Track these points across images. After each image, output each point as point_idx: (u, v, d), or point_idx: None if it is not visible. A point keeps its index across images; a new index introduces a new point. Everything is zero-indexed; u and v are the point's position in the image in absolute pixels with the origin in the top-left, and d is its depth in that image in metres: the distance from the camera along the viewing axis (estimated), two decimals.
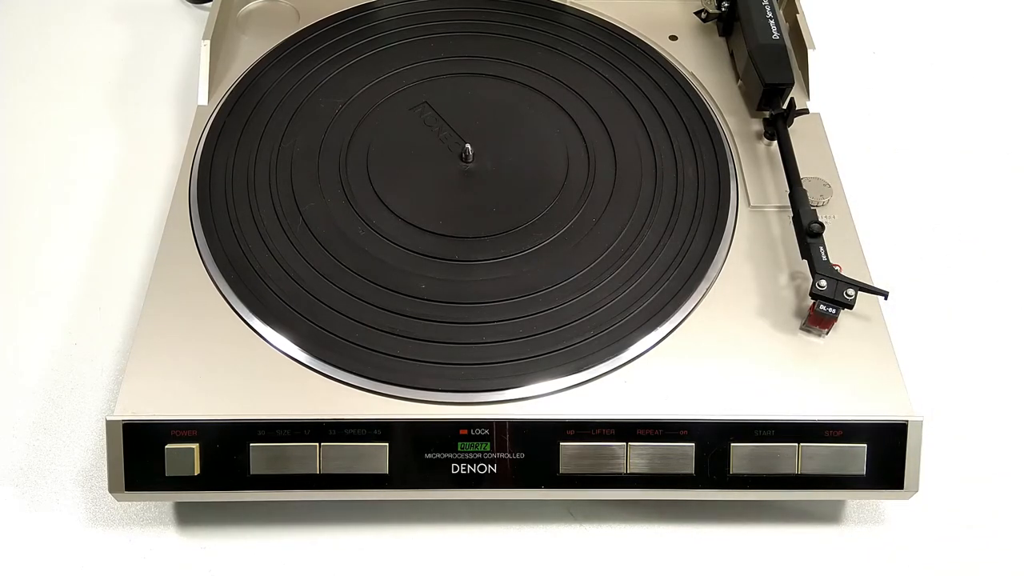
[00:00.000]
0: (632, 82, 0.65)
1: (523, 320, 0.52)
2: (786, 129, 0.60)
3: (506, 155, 0.60)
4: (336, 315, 0.52)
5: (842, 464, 0.48)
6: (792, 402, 0.49)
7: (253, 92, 0.63)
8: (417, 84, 0.64)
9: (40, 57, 0.76)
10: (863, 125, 0.73)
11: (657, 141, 0.61)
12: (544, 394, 0.49)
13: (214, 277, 0.53)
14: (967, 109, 0.75)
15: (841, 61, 0.78)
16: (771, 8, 0.64)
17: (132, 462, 0.47)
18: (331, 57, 0.66)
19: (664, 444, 0.48)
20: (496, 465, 0.48)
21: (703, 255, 0.55)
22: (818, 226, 0.53)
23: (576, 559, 0.51)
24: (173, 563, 0.50)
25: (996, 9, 0.84)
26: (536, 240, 0.56)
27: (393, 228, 0.56)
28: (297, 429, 0.48)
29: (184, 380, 0.49)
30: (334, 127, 0.61)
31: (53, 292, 0.60)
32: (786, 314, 0.53)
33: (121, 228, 0.64)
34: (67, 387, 0.56)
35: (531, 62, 0.66)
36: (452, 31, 0.68)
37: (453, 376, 0.49)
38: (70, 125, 0.71)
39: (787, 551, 0.51)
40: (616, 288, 0.53)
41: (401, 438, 0.48)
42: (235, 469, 0.47)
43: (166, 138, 0.69)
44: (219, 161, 0.59)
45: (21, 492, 0.52)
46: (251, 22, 0.70)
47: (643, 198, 0.58)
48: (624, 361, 0.50)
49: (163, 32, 0.78)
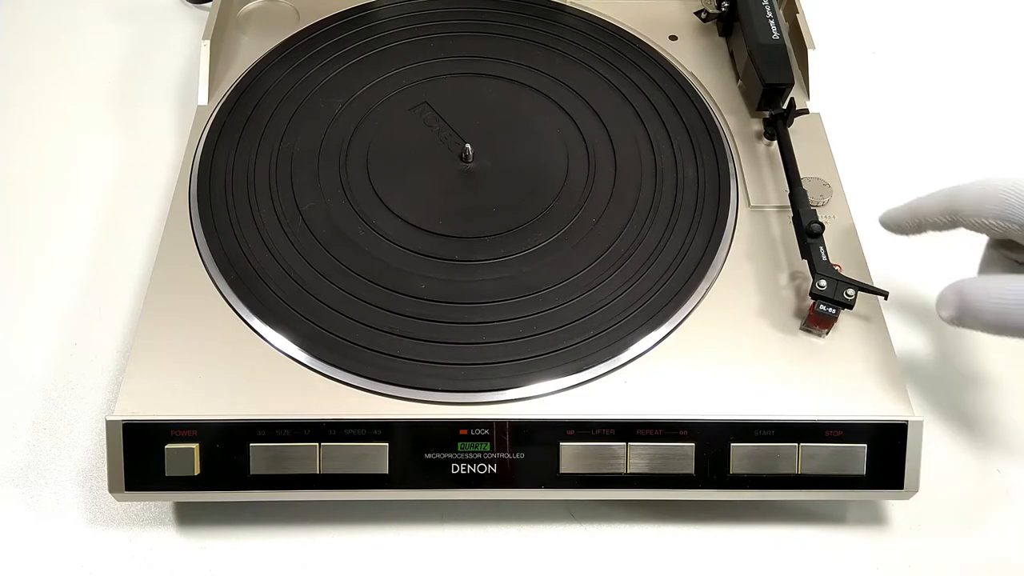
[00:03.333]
0: (632, 82, 0.65)
1: (523, 320, 0.52)
2: (786, 129, 0.60)
3: (506, 155, 0.60)
4: (336, 315, 0.52)
5: (842, 464, 0.48)
6: (792, 402, 0.49)
7: (253, 92, 0.64)
8: (417, 84, 0.64)
9: (40, 57, 0.76)
10: (863, 125, 0.73)
11: (657, 141, 0.61)
12: (544, 394, 0.49)
13: (214, 277, 0.53)
14: (967, 109, 0.75)
15: (841, 61, 0.78)
16: (771, 8, 0.64)
17: (132, 462, 0.47)
18: (331, 57, 0.66)
19: (664, 444, 0.48)
20: (496, 465, 0.48)
21: (703, 255, 0.55)
22: (818, 226, 0.53)
23: (576, 559, 0.51)
24: (173, 563, 0.50)
25: (996, 9, 0.84)
26: (536, 240, 0.56)
27: (393, 228, 0.56)
28: (297, 429, 0.48)
29: (184, 380, 0.49)
30: (334, 127, 0.61)
31: (53, 292, 0.60)
32: (786, 314, 0.53)
33: (121, 228, 0.64)
34: (67, 387, 0.56)
35: (531, 62, 0.66)
36: (452, 31, 0.68)
37: (453, 376, 0.49)
38: (70, 125, 0.71)
39: (787, 551, 0.51)
40: (616, 288, 0.53)
41: (401, 438, 0.48)
42: (235, 469, 0.47)
43: (166, 138, 0.69)
44: (219, 161, 0.59)
45: (21, 492, 0.52)
46: (251, 22, 0.70)
47: (643, 198, 0.58)
48: (624, 361, 0.50)
49: (163, 32, 0.78)
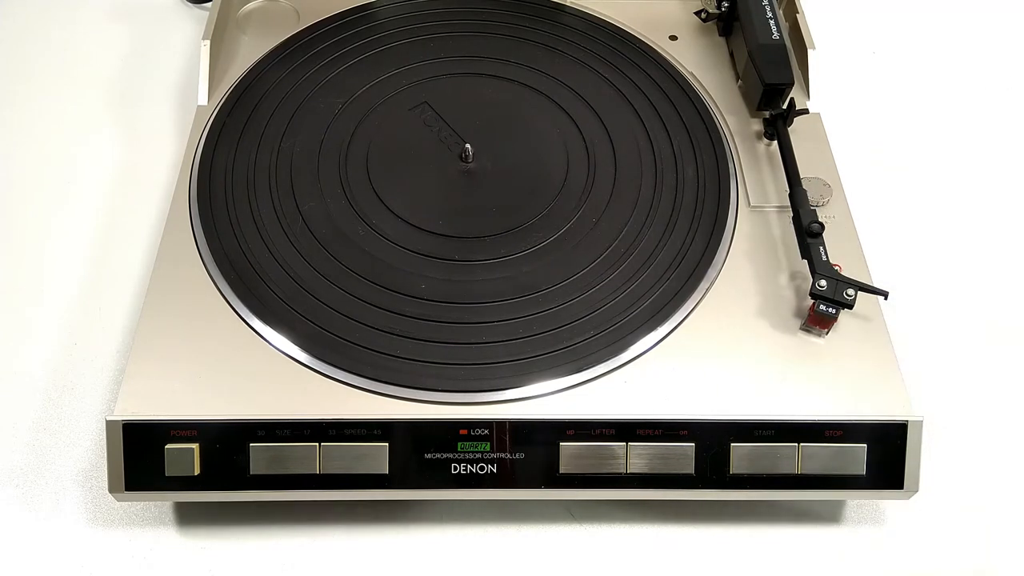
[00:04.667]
0: (632, 82, 0.65)
1: (523, 320, 0.52)
2: (786, 129, 0.60)
3: (506, 155, 0.60)
4: (336, 315, 0.52)
5: (842, 464, 0.48)
6: (792, 402, 0.49)
7: (253, 92, 0.63)
8: (417, 84, 0.64)
9: (40, 57, 0.76)
10: (863, 125, 0.73)
11: (657, 141, 0.61)
12: (544, 394, 0.49)
13: (214, 277, 0.53)
14: (967, 109, 0.75)
15: (841, 61, 0.78)
16: (771, 8, 0.64)
17: (132, 462, 0.47)
18: (331, 57, 0.66)
19: (664, 444, 0.48)
20: (496, 465, 0.48)
21: (703, 255, 0.55)
22: (818, 226, 0.53)
23: (576, 559, 0.51)
24: (173, 563, 0.50)
25: (996, 9, 0.84)
26: (536, 240, 0.56)
27: (393, 228, 0.56)
28: (297, 429, 0.48)
29: (184, 380, 0.49)
30: (334, 127, 0.61)
31: (53, 292, 0.60)
32: (786, 314, 0.53)
33: (121, 228, 0.64)
34: (67, 387, 0.56)
35: (531, 62, 0.66)
36: (452, 31, 0.68)
37: (453, 376, 0.49)
38: (70, 125, 0.71)
39: (787, 551, 0.51)
40: (616, 288, 0.53)
41: (401, 438, 0.48)
42: (235, 469, 0.47)
43: (166, 138, 0.69)
44: (219, 161, 0.59)
45: (21, 492, 0.52)
46: (251, 22, 0.70)
47: (643, 198, 0.58)
48: (624, 361, 0.50)
49: (163, 32, 0.78)
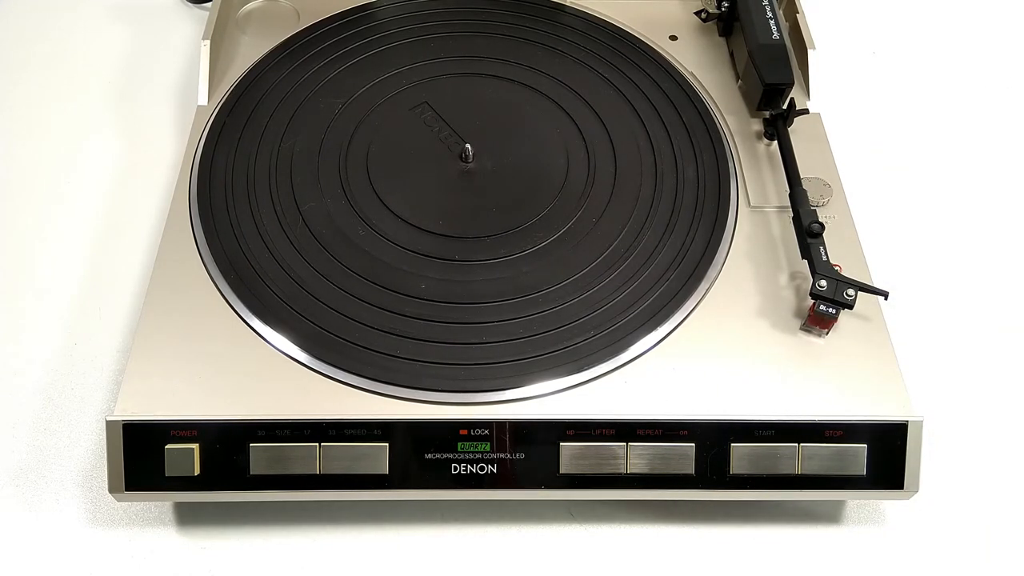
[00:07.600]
0: (632, 82, 0.65)
1: (523, 320, 0.52)
2: (786, 129, 0.60)
3: (506, 155, 0.60)
4: (336, 315, 0.52)
5: (842, 464, 0.48)
6: (792, 402, 0.49)
7: (253, 92, 0.63)
8: (417, 84, 0.64)
9: (40, 57, 0.76)
10: (863, 125, 0.73)
11: (657, 141, 0.61)
12: (544, 394, 0.49)
13: (214, 277, 0.53)
14: (967, 109, 0.75)
15: (841, 61, 0.78)
16: (771, 8, 0.64)
17: (132, 462, 0.47)
18: (331, 57, 0.66)
19: (664, 444, 0.48)
20: (496, 465, 0.48)
21: (703, 255, 0.55)
22: (818, 226, 0.53)
23: (576, 559, 0.51)
24: (173, 563, 0.50)
25: (996, 9, 0.84)
26: (536, 240, 0.56)
27: (393, 228, 0.56)
28: (297, 429, 0.48)
29: (184, 380, 0.49)
30: (334, 127, 0.61)
31: (53, 292, 0.60)
32: (786, 314, 0.53)
33: (121, 228, 0.64)
34: (67, 387, 0.56)
35: (531, 62, 0.66)
36: (452, 31, 0.68)
37: (453, 376, 0.49)
38: (70, 125, 0.71)
39: (787, 551, 0.51)
40: (616, 288, 0.53)
41: (401, 438, 0.48)
42: (235, 469, 0.47)
43: (166, 138, 0.69)
44: (219, 161, 0.59)
45: (21, 492, 0.52)
46: (251, 22, 0.70)
47: (643, 198, 0.58)
48: (624, 361, 0.50)
49: (163, 32, 0.78)
